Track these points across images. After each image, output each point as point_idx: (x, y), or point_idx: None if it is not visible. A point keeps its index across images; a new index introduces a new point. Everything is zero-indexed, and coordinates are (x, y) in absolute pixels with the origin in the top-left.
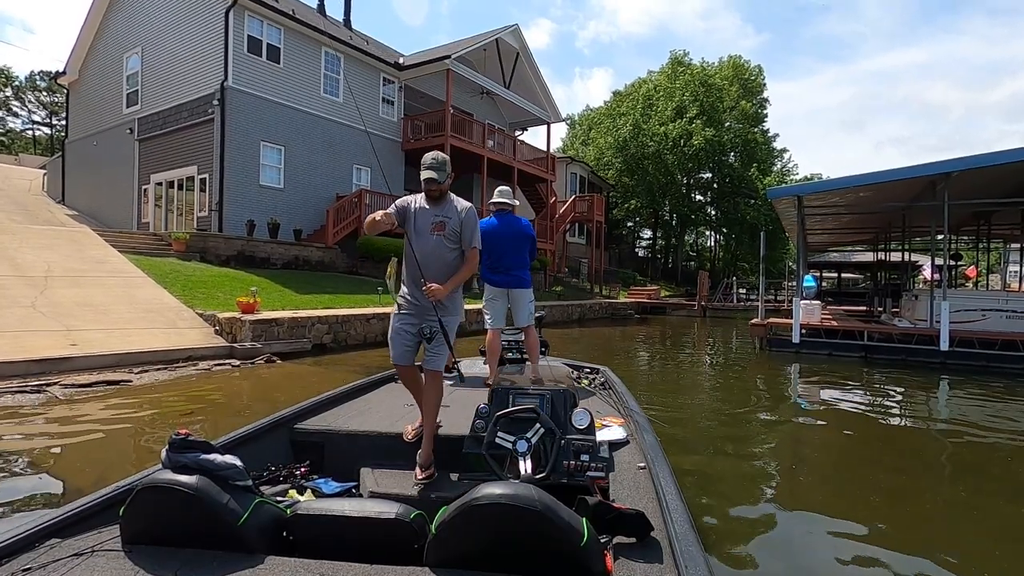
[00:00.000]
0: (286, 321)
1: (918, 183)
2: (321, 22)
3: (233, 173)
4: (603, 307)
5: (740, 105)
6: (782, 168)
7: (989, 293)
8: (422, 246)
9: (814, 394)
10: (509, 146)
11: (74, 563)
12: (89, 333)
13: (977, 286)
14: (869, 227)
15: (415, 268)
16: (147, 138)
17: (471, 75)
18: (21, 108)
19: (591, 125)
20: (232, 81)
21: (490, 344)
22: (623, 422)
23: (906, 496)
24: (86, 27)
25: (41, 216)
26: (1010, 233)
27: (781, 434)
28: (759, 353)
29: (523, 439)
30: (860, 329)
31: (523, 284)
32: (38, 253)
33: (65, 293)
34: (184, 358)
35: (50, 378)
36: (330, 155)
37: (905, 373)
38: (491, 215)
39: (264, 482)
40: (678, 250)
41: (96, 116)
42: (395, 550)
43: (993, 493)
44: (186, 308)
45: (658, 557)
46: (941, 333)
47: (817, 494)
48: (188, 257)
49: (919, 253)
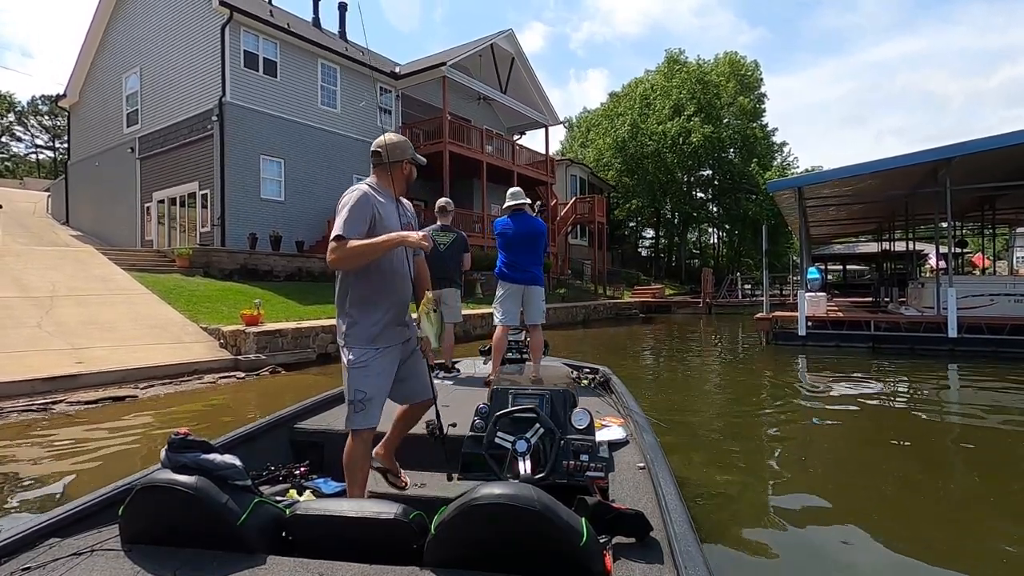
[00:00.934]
0: (290, 332)
1: (919, 170)
2: (316, 35)
3: (234, 187)
4: (607, 308)
5: (738, 101)
6: (782, 162)
7: (996, 278)
8: (400, 263)
9: (821, 387)
10: (508, 150)
11: (73, 563)
12: (95, 351)
13: (985, 273)
14: (872, 217)
15: (406, 283)
16: (148, 156)
17: (467, 81)
18: (24, 133)
19: (589, 127)
20: (230, 96)
21: (497, 341)
22: (623, 422)
23: (917, 493)
24: (85, 49)
25: (46, 237)
26: (1015, 218)
27: (786, 429)
28: (765, 347)
29: (523, 439)
30: (867, 319)
31: (538, 281)
32: (43, 273)
33: (70, 312)
34: (189, 372)
35: (56, 396)
36: (329, 166)
37: (914, 362)
38: (505, 215)
39: (264, 482)
40: (681, 248)
41: (97, 137)
42: (394, 550)
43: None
44: (191, 323)
45: (657, 557)
46: (949, 320)
47: (822, 491)
48: (191, 272)
49: (924, 242)
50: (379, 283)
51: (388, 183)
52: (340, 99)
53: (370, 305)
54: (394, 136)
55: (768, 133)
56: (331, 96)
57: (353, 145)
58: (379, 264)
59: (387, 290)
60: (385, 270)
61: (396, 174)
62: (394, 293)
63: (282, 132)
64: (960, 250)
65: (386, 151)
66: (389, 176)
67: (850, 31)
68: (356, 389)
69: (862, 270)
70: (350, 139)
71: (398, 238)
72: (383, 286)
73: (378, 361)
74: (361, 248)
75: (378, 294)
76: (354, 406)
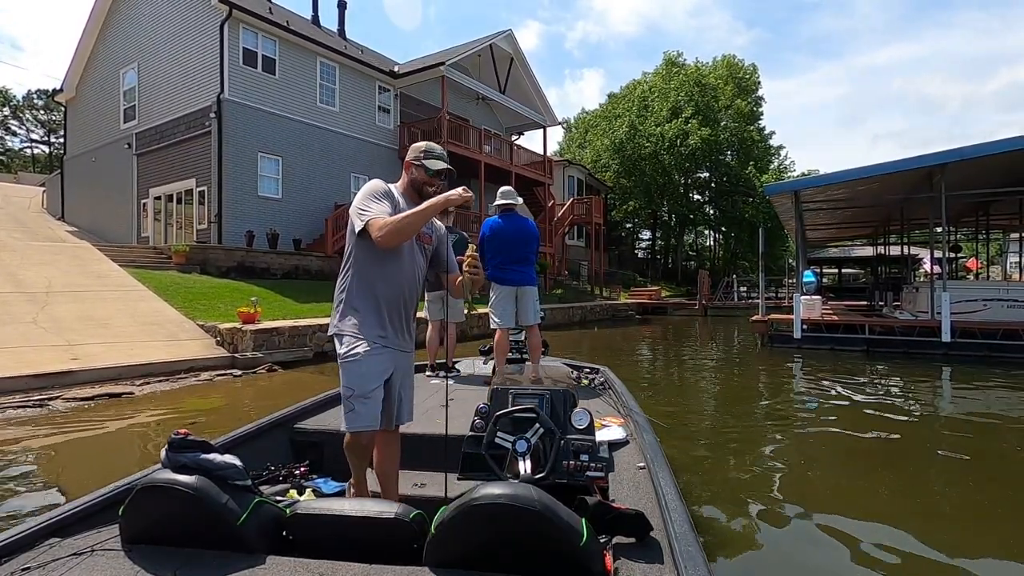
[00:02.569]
0: (287, 330)
1: (915, 175)
2: (316, 33)
3: (231, 185)
4: (604, 309)
5: (735, 104)
6: (779, 165)
7: (990, 283)
8: (409, 263)
9: (816, 389)
10: (506, 151)
11: (73, 563)
12: (91, 347)
13: (978, 277)
14: (868, 221)
15: (398, 290)
16: (145, 152)
17: (466, 81)
18: (19, 127)
19: (587, 128)
20: (228, 93)
21: (499, 344)
22: (623, 422)
23: (913, 492)
24: (82, 44)
25: (41, 233)
26: (1009, 223)
27: (782, 430)
28: (761, 349)
29: (523, 439)
30: (861, 323)
31: (531, 282)
32: (39, 269)
33: (66, 308)
34: (186, 369)
35: (52, 392)
36: (327, 164)
37: (908, 365)
38: (495, 215)
39: (264, 482)
40: (678, 250)
41: (94, 132)
42: (394, 550)
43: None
44: (187, 320)
45: (657, 557)
46: (943, 324)
47: (819, 491)
48: (188, 269)
49: (919, 246)
50: (382, 277)
51: (405, 185)
52: (339, 97)
53: (370, 300)
54: (423, 142)
55: (765, 136)
56: (330, 94)
57: (351, 144)
58: (384, 259)
59: (390, 287)
60: (390, 267)
61: (405, 174)
62: (399, 292)
63: (280, 130)
64: (954, 255)
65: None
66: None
67: (845, 35)
68: (346, 386)
69: (857, 274)
70: (348, 137)
71: (443, 200)
72: (386, 281)
73: (371, 357)
74: (400, 219)
75: (380, 290)
76: (345, 404)
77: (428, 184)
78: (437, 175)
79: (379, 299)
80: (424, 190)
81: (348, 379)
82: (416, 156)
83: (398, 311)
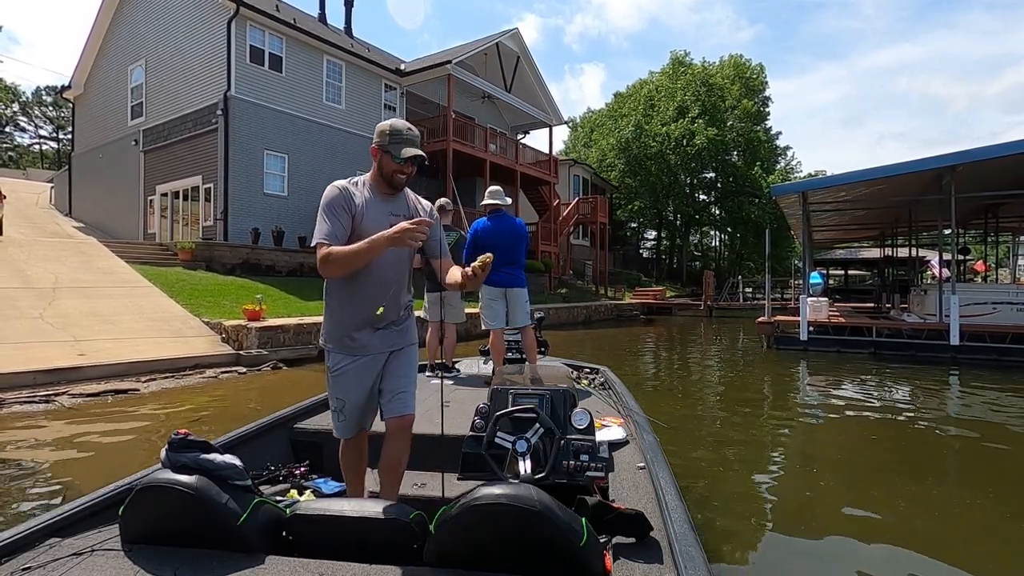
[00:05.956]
0: (292, 327)
1: (923, 177)
2: (322, 31)
3: (237, 182)
4: (609, 309)
5: (742, 104)
6: (785, 166)
7: (999, 286)
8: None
9: (821, 392)
10: (511, 149)
11: (74, 562)
12: (97, 343)
13: (986, 280)
14: (875, 223)
15: (379, 279)
16: (152, 149)
17: (472, 80)
18: (28, 123)
19: (593, 127)
20: (235, 91)
21: (494, 345)
22: (623, 422)
23: (917, 496)
24: (90, 41)
25: (48, 229)
26: (1018, 226)
27: (786, 433)
28: (766, 351)
29: (523, 439)
30: (868, 325)
31: (520, 283)
32: (46, 265)
33: (73, 304)
34: (191, 366)
35: (59, 388)
36: (333, 162)
37: (915, 369)
38: (483, 216)
39: (264, 482)
40: (683, 250)
41: (101, 129)
42: (394, 550)
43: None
44: (193, 317)
45: (657, 557)
46: (951, 327)
47: (822, 493)
48: (194, 266)
49: (927, 248)
50: (363, 282)
51: (374, 175)
52: (345, 95)
53: (351, 307)
54: (387, 121)
55: (772, 137)
56: (336, 92)
57: (357, 141)
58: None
59: (371, 290)
60: (371, 269)
61: (374, 161)
62: (380, 280)
63: (286, 127)
64: (962, 257)
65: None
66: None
67: (848, 35)
68: (336, 397)
69: (864, 275)
70: (354, 135)
71: (383, 241)
72: (366, 285)
73: (355, 371)
74: (342, 254)
75: (360, 293)
76: (334, 415)
77: (399, 172)
78: (407, 162)
79: (357, 295)
80: (394, 179)
81: (336, 391)
82: (381, 141)
83: (385, 300)
